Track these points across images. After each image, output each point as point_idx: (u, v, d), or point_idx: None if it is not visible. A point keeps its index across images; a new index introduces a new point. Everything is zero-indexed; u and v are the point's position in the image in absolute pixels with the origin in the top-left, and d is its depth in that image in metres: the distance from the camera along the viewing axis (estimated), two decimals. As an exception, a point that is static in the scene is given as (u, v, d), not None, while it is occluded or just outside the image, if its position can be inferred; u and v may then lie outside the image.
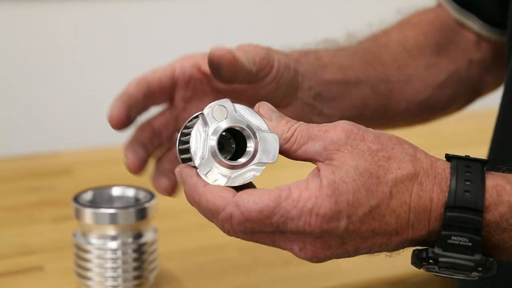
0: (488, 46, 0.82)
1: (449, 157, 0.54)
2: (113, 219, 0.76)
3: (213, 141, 0.53)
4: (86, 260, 0.77)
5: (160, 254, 0.82)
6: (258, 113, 0.54)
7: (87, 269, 0.77)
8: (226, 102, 0.54)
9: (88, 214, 0.76)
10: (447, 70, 0.81)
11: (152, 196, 0.79)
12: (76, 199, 0.78)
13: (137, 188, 0.81)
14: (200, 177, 0.53)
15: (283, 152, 0.55)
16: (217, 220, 0.52)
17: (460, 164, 0.53)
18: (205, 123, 0.54)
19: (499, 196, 0.52)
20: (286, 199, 0.50)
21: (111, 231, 0.77)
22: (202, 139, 0.53)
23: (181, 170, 0.54)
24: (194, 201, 0.53)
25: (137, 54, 1.39)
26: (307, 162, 0.54)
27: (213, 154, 0.53)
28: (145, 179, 0.83)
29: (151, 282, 0.80)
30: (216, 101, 0.54)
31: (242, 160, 0.53)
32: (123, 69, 1.38)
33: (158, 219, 0.82)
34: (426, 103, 0.82)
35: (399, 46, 0.80)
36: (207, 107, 0.54)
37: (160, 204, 0.81)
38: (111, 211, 0.76)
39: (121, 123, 0.69)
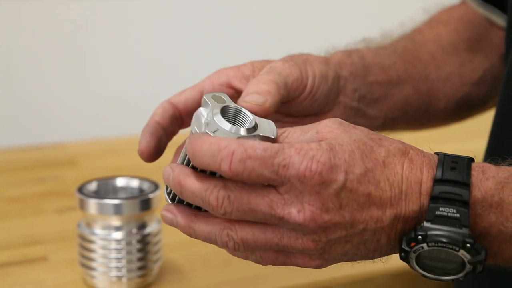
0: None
1: (436, 153, 0.56)
2: (117, 209, 0.76)
3: (217, 108, 0.55)
4: (91, 251, 0.77)
5: (164, 245, 0.82)
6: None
7: (91, 260, 0.77)
8: (223, 94, 0.56)
9: (92, 204, 0.76)
10: (482, 67, 0.81)
11: (156, 187, 0.79)
12: (81, 189, 0.79)
13: (142, 178, 0.81)
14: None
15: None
16: (216, 160, 0.50)
17: (446, 157, 0.54)
18: (206, 105, 0.55)
19: (484, 174, 0.53)
20: (290, 147, 0.51)
21: (116, 221, 0.77)
22: (207, 117, 0.54)
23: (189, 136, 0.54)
24: (195, 150, 0.51)
25: (140, 47, 1.39)
26: None
27: (218, 116, 0.54)
28: (150, 170, 0.83)
29: (155, 272, 0.80)
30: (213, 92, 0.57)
31: (244, 129, 0.54)
32: (127, 61, 1.38)
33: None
34: (464, 100, 0.82)
35: (434, 44, 0.80)
36: (205, 94, 0.56)
37: (164, 195, 0.81)
38: (116, 201, 0.76)
39: (152, 156, 0.66)
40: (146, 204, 0.77)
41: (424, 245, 0.52)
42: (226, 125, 0.54)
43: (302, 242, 0.52)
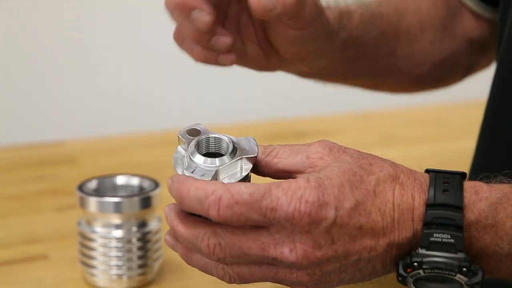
0: (485, 25, 0.82)
1: (427, 171, 0.55)
2: (117, 207, 0.76)
3: (192, 144, 0.54)
4: (91, 249, 0.77)
5: (164, 243, 0.81)
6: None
7: (91, 258, 0.77)
8: (196, 124, 0.55)
9: (92, 202, 0.76)
10: (450, 48, 0.82)
11: (156, 185, 0.79)
12: (81, 187, 0.78)
13: (142, 176, 0.81)
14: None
15: (264, 165, 0.55)
16: (204, 207, 0.50)
17: (438, 176, 0.54)
18: (183, 143, 0.55)
19: (477, 195, 0.53)
20: (277, 188, 0.50)
21: (116, 219, 0.77)
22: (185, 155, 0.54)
23: (171, 177, 0.54)
24: (182, 195, 0.51)
25: (141, 45, 1.38)
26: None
27: (193, 152, 0.54)
28: (150, 168, 0.83)
29: (155, 270, 0.80)
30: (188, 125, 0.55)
31: (224, 157, 0.54)
32: (128, 59, 1.38)
33: (162, 208, 0.81)
34: (419, 79, 0.82)
35: (413, 17, 0.80)
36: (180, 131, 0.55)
37: (165, 193, 0.81)
38: (116, 199, 0.76)
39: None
40: (146, 202, 0.77)
41: (421, 271, 0.52)
42: (202, 160, 0.53)
43: (297, 276, 0.52)
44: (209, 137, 0.55)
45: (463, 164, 1.16)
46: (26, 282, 0.80)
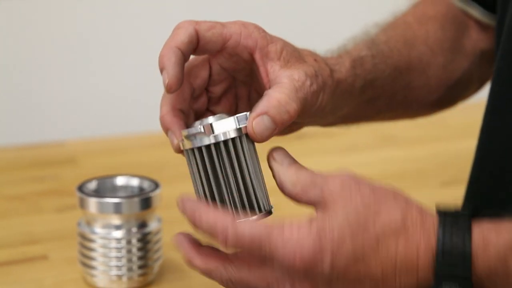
0: (493, 34, 0.81)
1: (438, 211, 0.56)
2: (117, 208, 0.76)
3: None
4: (91, 249, 0.77)
5: (164, 244, 0.81)
6: (272, 157, 0.58)
7: (91, 258, 0.77)
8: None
9: (92, 203, 0.76)
10: (461, 67, 0.81)
11: (156, 185, 0.79)
12: (81, 188, 0.78)
13: (142, 177, 0.81)
14: (198, 200, 0.58)
15: (291, 198, 0.59)
16: (214, 238, 0.56)
17: (447, 221, 0.54)
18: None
19: (486, 243, 0.53)
20: (277, 236, 0.53)
21: (116, 220, 0.77)
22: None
23: (181, 198, 0.58)
24: (194, 224, 0.57)
25: (141, 45, 1.38)
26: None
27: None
28: (150, 168, 0.83)
29: (155, 271, 0.80)
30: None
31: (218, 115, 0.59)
32: (128, 59, 1.38)
33: (162, 208, 0.82)
34: (436, 103, 0.82)
35: (423, 44, 0.79)
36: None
37: (165, 193, 0.81)
38: (116, 200, 0.76)
39: (179, 87, 0.64)
40: (146, 203, 0.77)
41: None
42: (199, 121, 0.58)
43: None
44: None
45: (463, 165, 1.16)
46: (26, 282, 0.80)
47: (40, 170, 1.11)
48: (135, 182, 0.81)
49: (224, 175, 0.57)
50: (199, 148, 0.57)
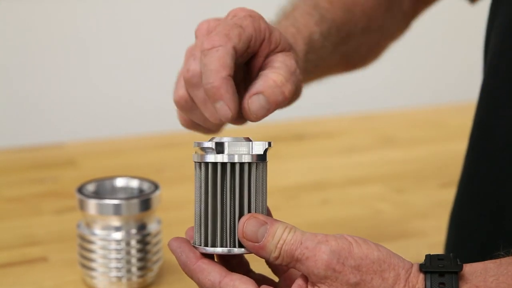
0: None
1: (424, 271, 0.54)
2: (117, 210, 0.76)
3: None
4: (90, 251, 0.77)
5: (164, 245, 0.81)
6: (242, 236, 0.56)
7: (91, 260, 0.77)
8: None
9: (92, 205, 0.76)
10: (389, 32, 0.86)
11: (156, 187, 0.79)
12: (80, 190, 0.78)
13: (141, 179, 0.81)
14: (189, 251, 0.57)
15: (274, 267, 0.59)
16: None
17: (433, 284, 0.54)
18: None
19: None
20: None
21: (115, 222, 0.77)
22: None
23: (170, 245, 0.58)
24: (194, 281, 0.57)
25: (141, 47, 1.38)
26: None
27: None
28: (149, 170, 0.83)
29: (155, 273, 0.80)
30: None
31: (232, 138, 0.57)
32: (127, 61, 1.38)
33: (162, 210, 0.82)
34: (367, 63, 0.87)
35: (360, 12, 0.81)
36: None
37: (164, 195, 0.81)
38: (115, 202, 0.76)
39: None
40: (145, 204, 0.77)
41: None
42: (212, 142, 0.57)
43: None
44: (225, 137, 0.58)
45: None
46: (26, 284, 0.80)
47: (40, 172, 1.11)
48: (134, 183, 0.81)
49: (222, 198, 0.56)
50: (206, 164, 0.56)
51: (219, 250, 0.56)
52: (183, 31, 1.40)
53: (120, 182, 0.82)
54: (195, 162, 0.57)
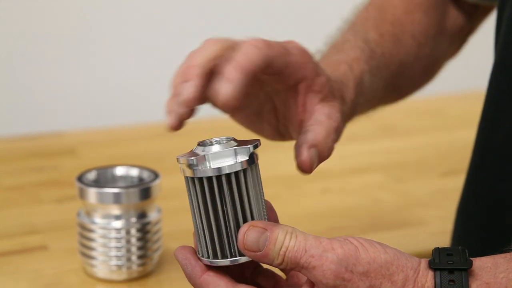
0: (466, 7, 0.83)
1: (434, 268, 0.54)
2: (117, 198, 0.76)
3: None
4: (90, 240, 0.77)
5: (164, 234, 0.81)
6: (244, 247, 0.55)
7: (91, 249, 0.77)
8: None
9: (92, 193, 0.76)
10: (443, 51, 0.82)
11: (156, 176, 0.79)
12: (80, 178, 0.78)
13: (141, 167, 0.81)
14: (195, 264, 0.56)
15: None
16: None
17: (443, 282, 0.53)
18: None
19: None
20: None
21: (115, 210, 0.77)
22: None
23: (176, 255, 0.57)
24: (193, 286, 0.57)
25: (142, 36, 1.38)
26: None
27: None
28: (149, 158, 0.82)
29: (155, 261, 0.80)
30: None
31: (217, 146, 0.55)
32: (128, 50, 1.38)
33: (162, 199, 0.81)
34: (417, 88, 0.84)
35: (410, 38, 0.79)
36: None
37: (164, 184, 0.81)
38: (115, 190, 0.76)
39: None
40: (145, 193, 0.77)
41: None
42: (199, 149, 0.55)
43: None
44: (212, 138, 0.57)
45: (463, 155, 1.16)
46: (26, 273, 0.80)
47: (40, 161, 1.11)
48: (134, 172, 0.81)
49: (223, 209, 0.55)
50: (200, 179, 0.55)
51: (224, 262, 0.55)
52: (183, 20, 1.40)
53: (120, 171, 0.81)
54: (187, 177, 0.56)
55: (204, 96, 0.56)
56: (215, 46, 0.57)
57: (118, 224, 0.77)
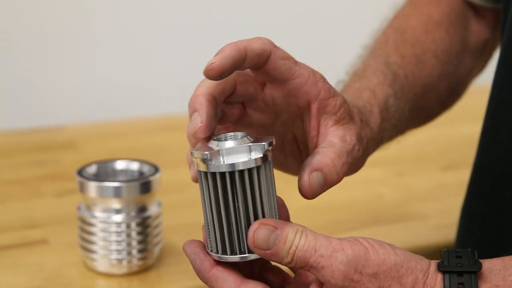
0: (491, 18, 0.81)
1: (443, 271, 0.54)
2: (117, 192, 0.76)
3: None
4: (91, 234, 0.77)
5: (164, 228, 0.81)
6: (254, 246, 0.54)
7: (91, 242, 0.77)
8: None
9: (92, 187, 0.76)
10: (467, 68, 0.81)
11: (156, 169, 0.79)
12: (80, 172, 0.78)
13: (141, 161, 0.81)
14: (204, 258, 0.55)
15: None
16: None
17: (452, 285, 0.53)
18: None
19: None
20: None
21: (116, 204, 0.77)
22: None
23: (184, 249, 0.56)
24: (201, 281, 0.56)
25: (144, 30, 1.38)
26: None
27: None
28: (150, 152, 0.82)
29: (155, 255, 0.80)
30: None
31: (231, 142, 0.55)
32: (129, 44, 1.38)
33: (162, 192, 0.81)
34: (446, 109, 0.82)
35: (433, 58, 0.78)
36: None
37: (164, 177, 0.81)
38: (115, 184, 0.76)
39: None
40: (146, 187, 0.77)
41: None
42: (213, 143, 0.55)
43: None
44: (227, 134, 0.56)
45: (463, 149, 1.16)
46: (26, 266, 0.80)
47: (40, 155, 1.11)
48: (135, 166, 0.81)
49: (235, 206, 0.55)
50: (213, 174, 0.54)
51: (233, 258, 0.55)
52: (183, 13, 1.40)
53: (120, 165, 0.81)
54: (200, 171, 0.55)
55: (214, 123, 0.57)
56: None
57: (118, 218, 0.77)
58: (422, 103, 0.77)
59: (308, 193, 0.57)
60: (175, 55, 1.38)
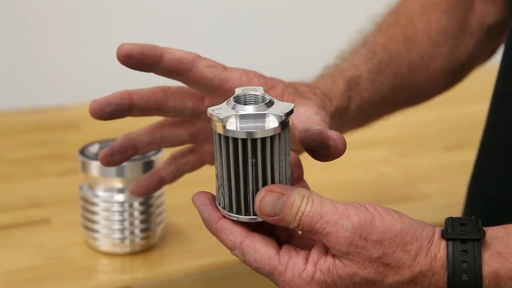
0: (499, 2, 0.80)
1: (447, 238, 0.54)
2: (119, 171, 0.76)
3: (231, 98, 0.55)
4: (93, 213, 0.77)
5: (167, 208, 0.81)
6: (261, 212, 0.55)
7: (94, 222, 0.77)
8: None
9: (94, 166, 0.76)
10: (468, 49, 0.80)
11: (158, 149, 0.79)
12: (83, 152, 0.78)
13: (144, 141, 0.81)
14: (212, 210, 0.56)
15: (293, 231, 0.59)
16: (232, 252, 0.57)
17: (456, 252, 0.53)
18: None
19: (497, 284, 0.53)
20: (278, 275, 0.54)
21: (118, 183, 0.77)
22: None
23: (194, 200, 0.57)
24: (217, 237, 0.57)
25: (146, 11, 1.37)
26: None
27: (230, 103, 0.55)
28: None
29: (158, 235, 0.80)
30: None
31: (250, 107, 0.54)
32: (132, 25, 1.37)
33: (165, 172, 0.81)
34: (442, 89, 0.82)
35: (425, 38, 0.78)
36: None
37: (167, 157, 0.80)
38: (118, 164, 0.76)
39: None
40: (148, 166, 0.77)
41: None
42: (231, 105, 0.54)
43: None
44: (250, 92, 0.56)
45: (466, 130, 1.15)
46: (29, 246, 0.80)
47: (42, 135, 1.11)
48: (137, 145, 0.81)
49: (245, 171, 0.54)
50: (227, 137, 0.54)
51: (243, 218, 0.55)
52: (191, 2, 1.39)
53: (122, 144, 0.81)
54: (215, 131, 0.55)
55: None
56: None
57: (120, 197, 0.77)
58: (409, 81, 0.77)
59: (335, 151, 0.59)
60: (178, 37, 1.37)
